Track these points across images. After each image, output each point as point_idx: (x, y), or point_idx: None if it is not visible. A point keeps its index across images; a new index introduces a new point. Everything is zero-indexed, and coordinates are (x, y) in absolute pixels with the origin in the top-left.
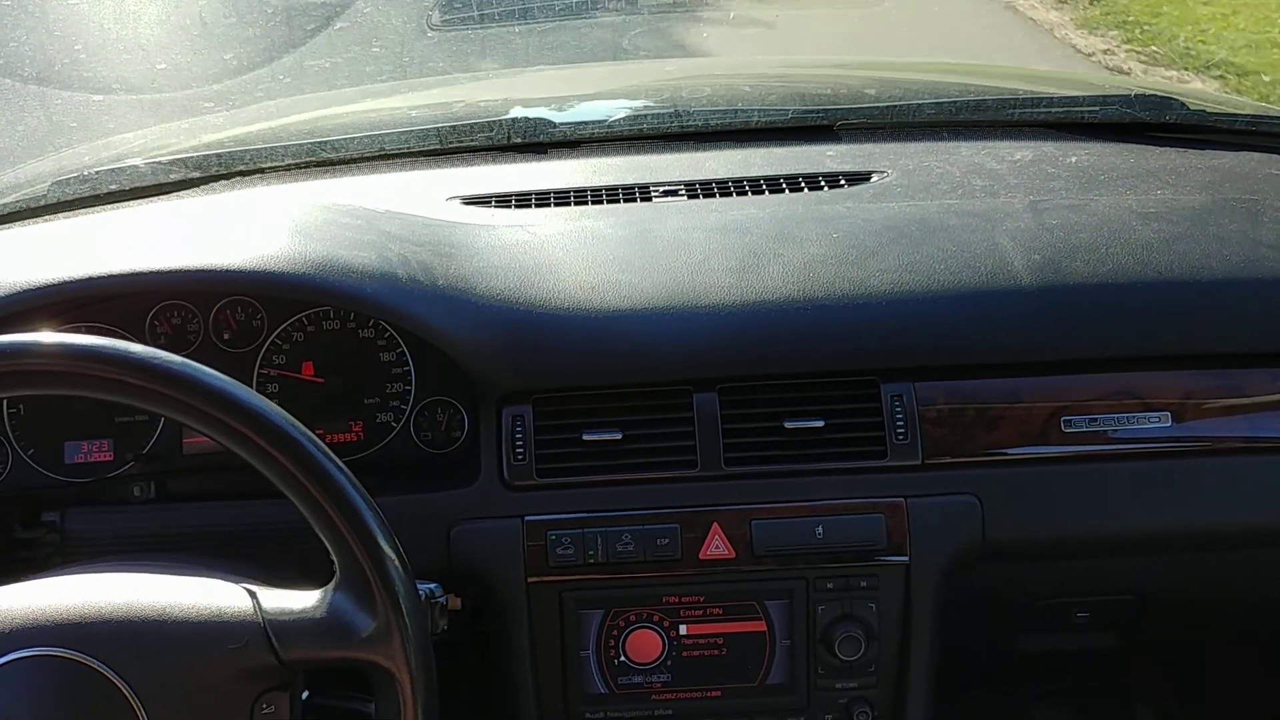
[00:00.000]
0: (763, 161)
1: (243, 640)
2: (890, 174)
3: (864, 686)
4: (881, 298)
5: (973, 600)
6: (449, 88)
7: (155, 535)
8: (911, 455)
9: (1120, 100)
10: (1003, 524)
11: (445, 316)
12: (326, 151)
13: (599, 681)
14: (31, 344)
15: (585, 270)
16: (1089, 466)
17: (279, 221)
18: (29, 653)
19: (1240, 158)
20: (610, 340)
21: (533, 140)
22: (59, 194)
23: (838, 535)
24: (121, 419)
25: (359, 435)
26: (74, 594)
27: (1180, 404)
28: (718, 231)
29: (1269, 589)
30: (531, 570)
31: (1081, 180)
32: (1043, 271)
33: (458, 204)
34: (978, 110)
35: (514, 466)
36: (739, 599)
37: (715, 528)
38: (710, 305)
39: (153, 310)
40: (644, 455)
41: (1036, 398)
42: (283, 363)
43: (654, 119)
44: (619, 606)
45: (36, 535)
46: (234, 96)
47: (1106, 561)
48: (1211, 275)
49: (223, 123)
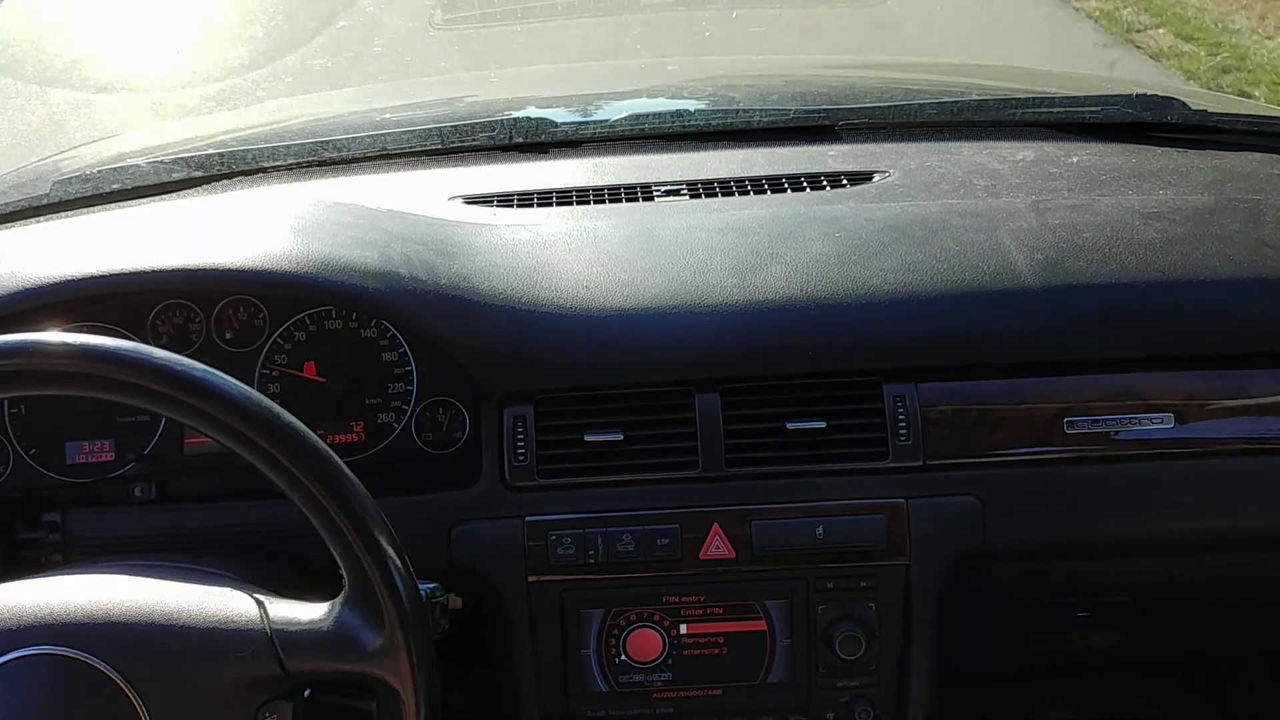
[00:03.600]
0: (765, 161)
1: (249, 649)
2: (892, 174)
3: (865, 685)
4: (884, 298)
5: (974, 600)
6: (451, 87)
7: (156, 536)
8: (913, 456)
9: (1122, 100)
10: (1004, 525)
11: (447, 316)
12: (328, 151)
13: (600, 680)
14: (43, 344)
15: (587, 270)
16: (1091, 468)
17: (281, 221)
18: (34, 650)
19: (1242, 158)
20: (612, 340)
21: (535, 140)
22: (61, 193)
23: (838, 536)
24: (123, 419)
25: (360, 435)
26: (81, 593)
27: (1183, 405)
28: (719, 231)
29: (1270, 590)
30: (533, 570)
31: (1084, 180)
32: (1045, 272)
33: (460, 203)
34: (980, 110)
35: (515, 467)
36: (739, 599)
37: (715, 528)
38: (712, 305)
39: (155, 309)
40: (645, 456)
41: (1038, 399)
42: (284, 362)
43: (656, 118)
44: (620, 606)
45: (38, 535)
46: (236, 96)
47: (1108, 562)
48: (1214, 275)
49: (225, 122)
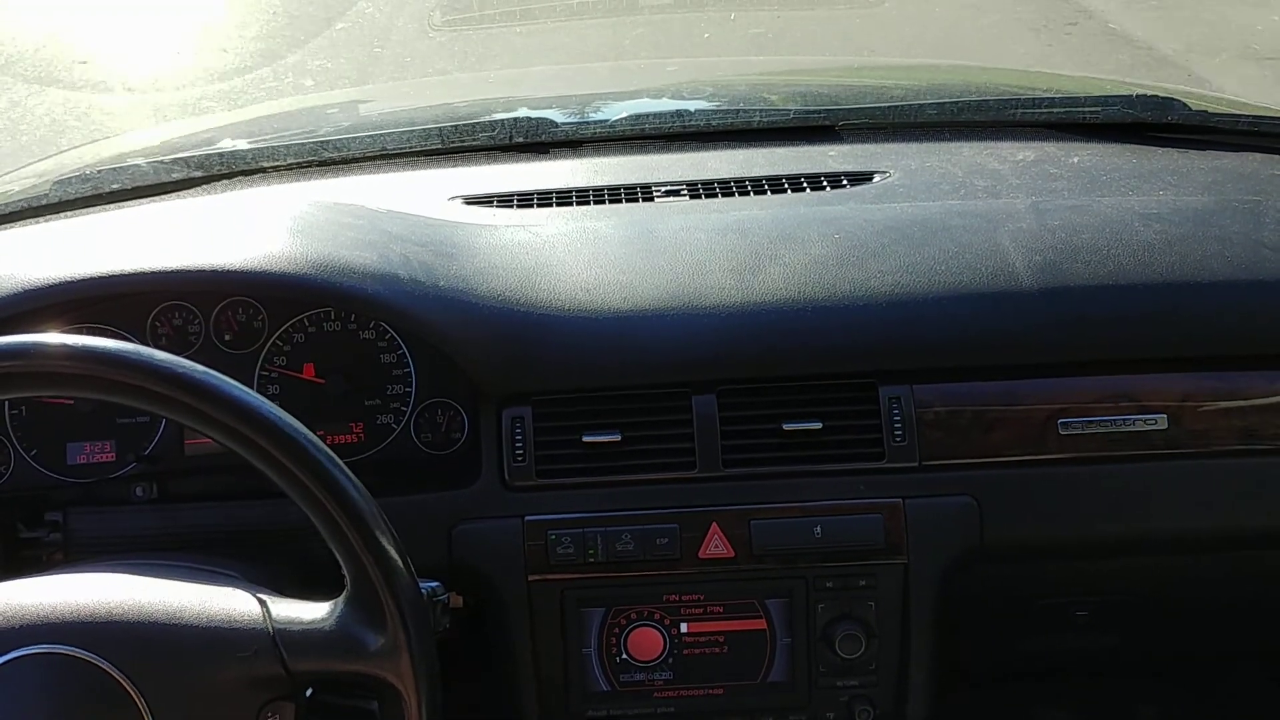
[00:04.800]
0: (765, 161)
1: (251, 649)
2: (892, 174)
3: (865, 685)
4: (882, 299)
5: (972, 600)
6: (450, 88)
7: (157, 535)
8: (909, 457)
9: (1122, 101)
10: (1000, 525)
11: (446, 317)
12: (328, 151)
13: (601, 679)
14: (43, 345)
15: (586, 271)
16: (1086, 468)
17: (280, 222)
18: (36, 649)
19: (1243, 158)
20: (610, 341)
21: (534, 140)
22: (61, 194)
23: (836, 535)
24: (123, 420)
25: (360, 436)
26: (83, 592)
27: (1177, 406)
28: (719, 232)
29: (1266, 590)
30: (532, 569)
31: (1083, 181)
32: (1044, 273)
33: (459, 204)
34: (980, 110)
35: (514, 467)
36: (739, 597)
37: (714, 528)
38: (710, 307)
39: (154, 311)
40: (643, 456)
41: (1033, 400)
42: (284, 364)
43: (656, 119)
44: (620, 605)
45: (39, 535)
46: (236, 96)
47: (1106, 562)
48: (1213, 276)
49: (225, 122)
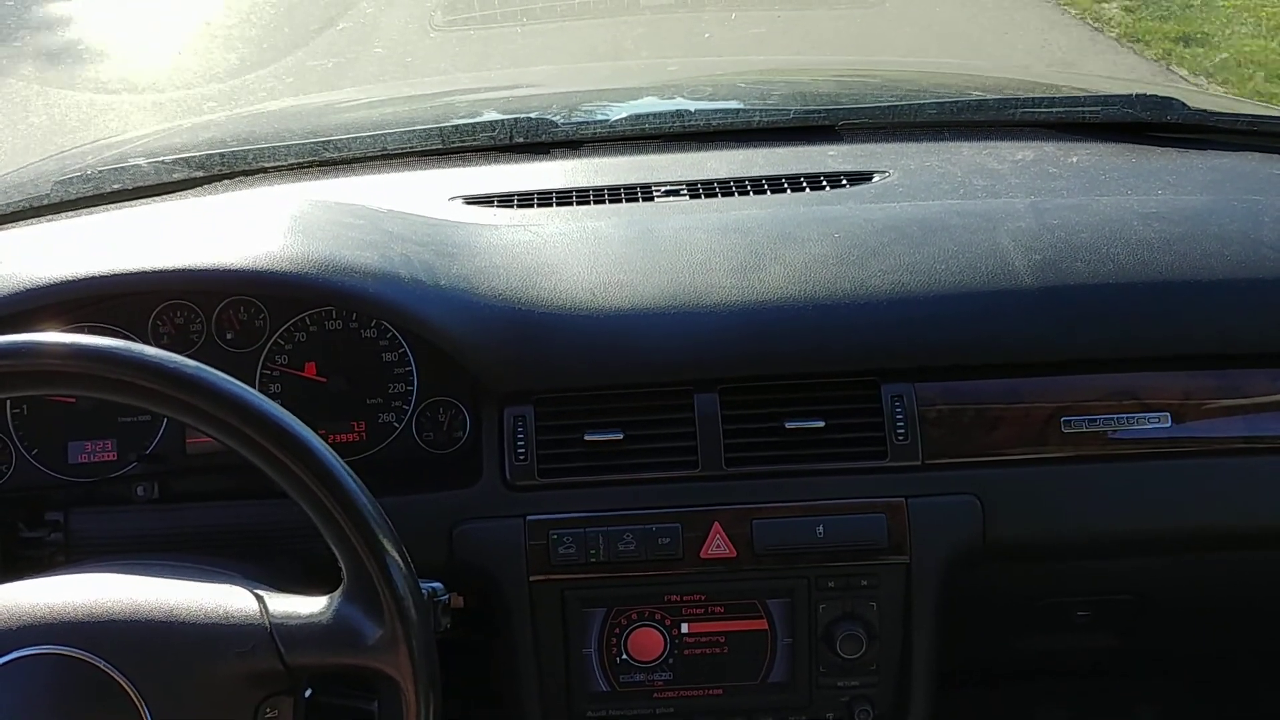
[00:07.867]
0: (764, 161)
1: (249, 645)
2: (892, 174)
3: (865, 685)
4: (883, 298)
5: (973, 600)
6: (451, 88)
7: (159, 535)
8: (912, 456)
9: (1121, 100)
10: (1003, 524)
11: (447, 316)
12: (329, 151)
13: (601, 679)
14: (41, 344)
15: (587, 270)
16: (1088, 467)
17: (281, 221)
18: (34, 650)
19: (1241, 158)
20: (611, 341)
21: (535, 140)
22: (62, 193)
23: (838, 535)
24: (124, 419)
25: (361, 435)
26: (81, 592)
27: (1180, 404)
28: (719, 232)
29: (1269, 589)
30: (534, 569)
31: (1083, 180)
32: (1044, 272)
33: (460, 204)
34: (979, 110)
35: (516, 467)
36: (740, 597)
37: (716, 527)
38: (711, 306)
39: (155, 310)
40: (645, 455)
41: (1036, 398)
42: (285, 363)
43: (656, 119)
44: (621, 605)
45: (40, 534)
46: (237, 96)
47: (1106, 562)
48: (1212, 276)
49: (226, 122)
